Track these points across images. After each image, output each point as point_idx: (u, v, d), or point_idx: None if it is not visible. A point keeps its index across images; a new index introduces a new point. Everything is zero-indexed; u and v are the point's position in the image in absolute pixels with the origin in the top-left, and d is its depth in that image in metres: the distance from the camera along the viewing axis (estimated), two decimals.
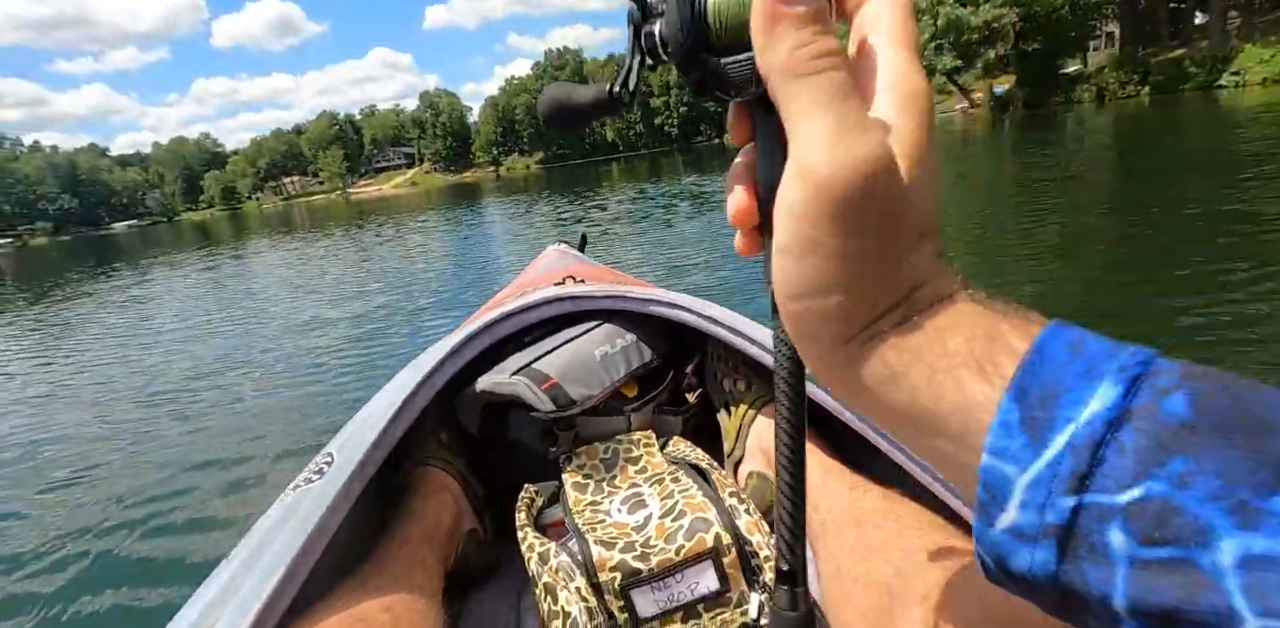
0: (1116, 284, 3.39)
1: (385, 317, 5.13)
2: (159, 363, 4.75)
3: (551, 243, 1.82)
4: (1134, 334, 2.01)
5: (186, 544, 2.15)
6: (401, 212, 21.52)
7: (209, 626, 0.55)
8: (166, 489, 2.56)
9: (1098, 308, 3.07)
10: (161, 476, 2.69)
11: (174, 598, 1.82)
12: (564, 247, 1.76)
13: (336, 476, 0.71)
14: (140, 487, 2.63)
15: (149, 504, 2.47)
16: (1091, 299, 3.22)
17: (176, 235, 32.54)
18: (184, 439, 3.07)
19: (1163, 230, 4.17)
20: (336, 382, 3.63)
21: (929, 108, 0.24)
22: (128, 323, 6.73)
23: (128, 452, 3.02)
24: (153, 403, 3.74)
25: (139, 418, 3.51)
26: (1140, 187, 5.99)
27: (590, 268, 1.41)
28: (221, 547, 2.07)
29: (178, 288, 9.43)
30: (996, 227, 5.22)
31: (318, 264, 9.72)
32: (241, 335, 5.28)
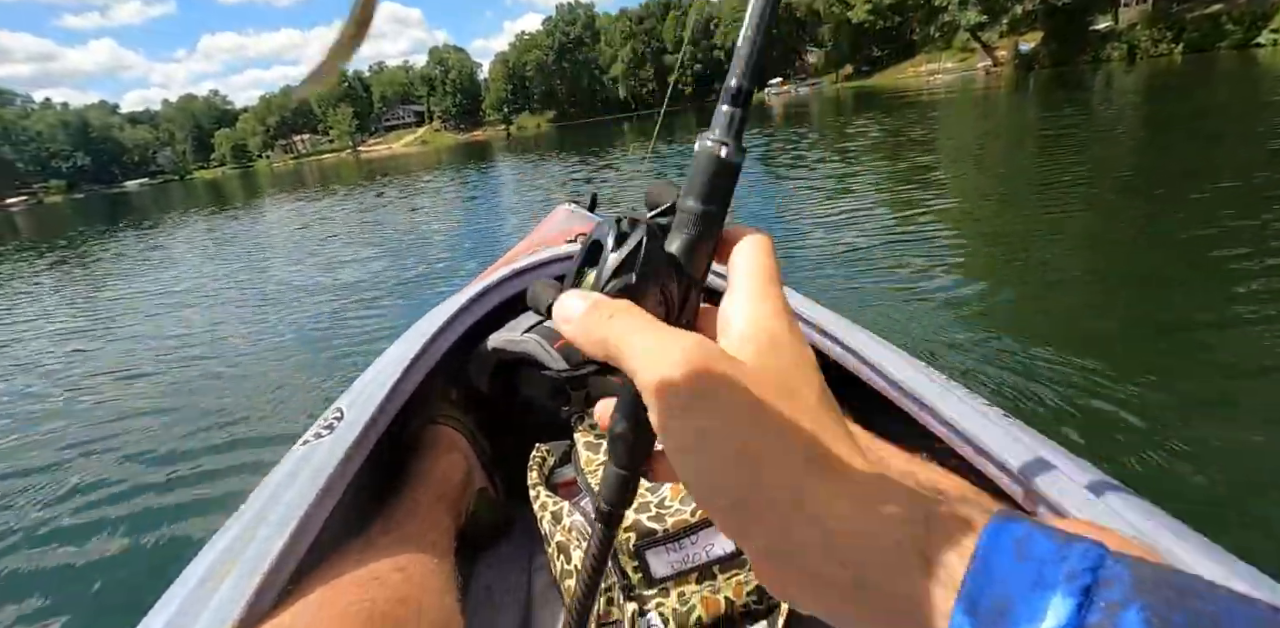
0: (1140, 252, 3.30)
1: (395, 275, 5.12)
2: (174, 320, 4.78)
3: (562, 203, 1.79)
4: (1157, 299, 1.97)
5: (195, 499, 2.16)
6: (412, 171, 21.35)
7: (219, 580, 0.54)
8: (177, 444, 2.58)
9: (1119, 274, 3.01)
10: (173, 430, 2.72)
11: (183, 552, 1.82)
12: (574, 206, 1.73)
13: (346, 431, 0.70)
14: (150, 441, 2.65)
15: (159, 458, 2.49)
16: (1113, 266, 3.15)
17: (189, 193, 32.54)
18: (196, 395, 3.10)
19: (1190, 200, 4.04)
20: (347, 338, 3.64)
21: (770, 344, 0.25)
22: (143, 280, 6.76)
23: (140, 407, 3.05)
24: (168, 359, 3.78)
25: (154, 374, 3.55)
26: (1167, 154, 5.79)
27: None
28: (229, 502, 2.09)
29: (192, 245, 9.45)
30: (1012, 193, 5.08)
31: (329, 223, 9.69)
32: (253, 294, 5.29)
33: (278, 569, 0.55)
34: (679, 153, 11.94)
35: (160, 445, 2.59)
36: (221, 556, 0.57)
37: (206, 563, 0.57)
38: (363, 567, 0.61)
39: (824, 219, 4.85)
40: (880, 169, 7.06)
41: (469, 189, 12.09)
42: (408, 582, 0.61)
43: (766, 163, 8.78)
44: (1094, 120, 8.95)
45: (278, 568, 0.55)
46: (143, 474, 2.38)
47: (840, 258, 3.79)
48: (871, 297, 3.09)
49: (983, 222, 4.40)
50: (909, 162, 7.31)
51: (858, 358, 0.77)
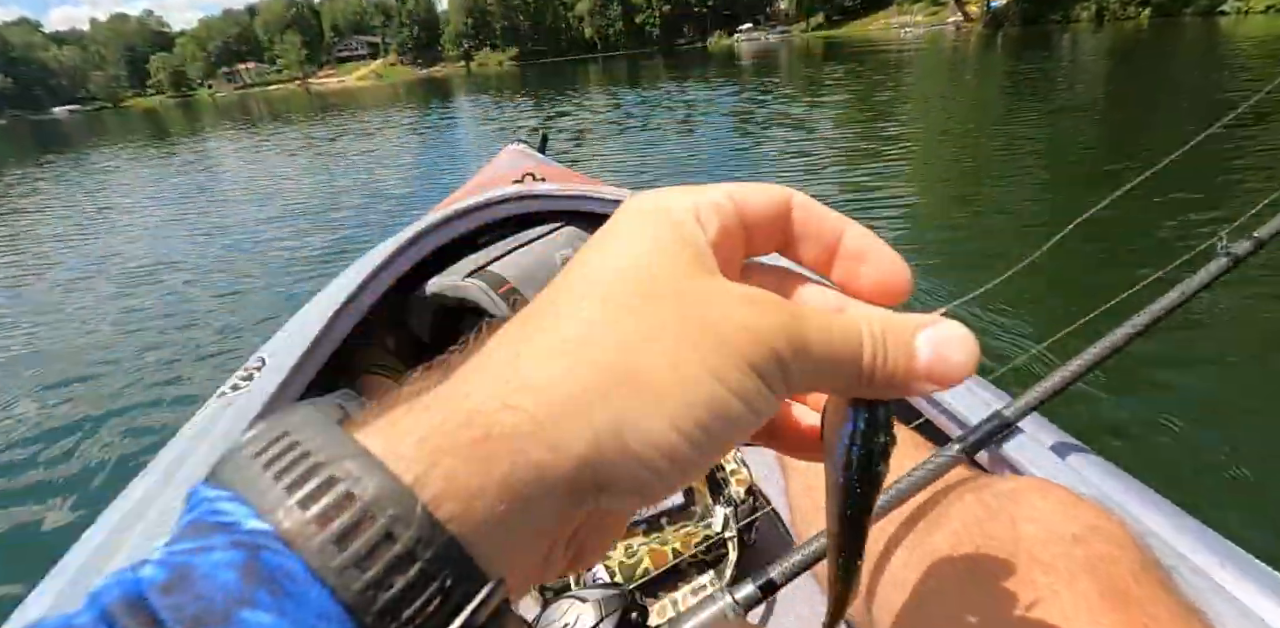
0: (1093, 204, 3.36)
1: (345, 216, 4.93)
2: (97, 256, 4.52)
3: (510, 142, 1.70)
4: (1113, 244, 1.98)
5: (103, 455, 1.99)
6: (367, 106, 20.41)
7: (117, 547, 0.49)
8: (86, 392, 2.40)
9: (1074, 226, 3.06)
10: (84, 375, 2.54)
11: (83, 517, 1.66)
12: (523, 146, 1.64)
13: (267, 382, 0.65)
14: (57, 386, 2.47)
15: (64, 406, 2.31)
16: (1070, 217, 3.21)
17: (124, 123, 30.51)
18: (115, 340, 2.90)
19: (1137, 156, 4.12)
20: (285, 281, 3.49)
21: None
22: (68, 213, 6.38)
23: (49, 350, 2.87)
24: (89, 299, 3.57)
25: (72, 314, 3.34)
26: (1124, 116, 5.87)
27: (551, 169, 1.31)
28: (143, 459, 1.92)
29: (126, 179, 8.92)
30: (972, 147, 5.11)
31: (277, 159, 9.23)
32: (189, 232, 5.03)
33: None
34: (644, 101, 11.64)
35: (68, 393, 2.41)
36: (123, 520, 0.52)
37: (106, 529, 0.52)
38: None
39: (788, 167, 4.81)
40: (845, 121, 7.00)
41: (427, 127, 11.64)
42: None
43: (736, 111, 8.63)
44: (1056, 81, 8.99)
45: None
46: (45, 425, 2.20)
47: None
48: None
49: (943, 174, 4.43)
50: (874, 115, 7.26)
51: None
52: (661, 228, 0.17)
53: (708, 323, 0.15)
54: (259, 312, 3.04)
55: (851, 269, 0.19)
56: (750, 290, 0.17)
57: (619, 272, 0.16)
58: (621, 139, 7.33)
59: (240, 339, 2.71)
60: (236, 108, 34.06)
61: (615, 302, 0.16)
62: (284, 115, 20.88)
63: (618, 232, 0.17)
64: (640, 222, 0.17)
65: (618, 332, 0.15)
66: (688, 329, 0.15)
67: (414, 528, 0.12)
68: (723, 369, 0.15)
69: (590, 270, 0.17)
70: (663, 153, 6.16)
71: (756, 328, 0.16)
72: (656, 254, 0.16)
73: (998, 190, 3.83)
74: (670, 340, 0.15)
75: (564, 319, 0.16)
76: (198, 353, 2.66)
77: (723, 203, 0.18)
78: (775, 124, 7.17)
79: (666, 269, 0.16)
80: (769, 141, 6.12)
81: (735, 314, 0.16)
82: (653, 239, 0.17)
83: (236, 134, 14.65)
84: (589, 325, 0.15)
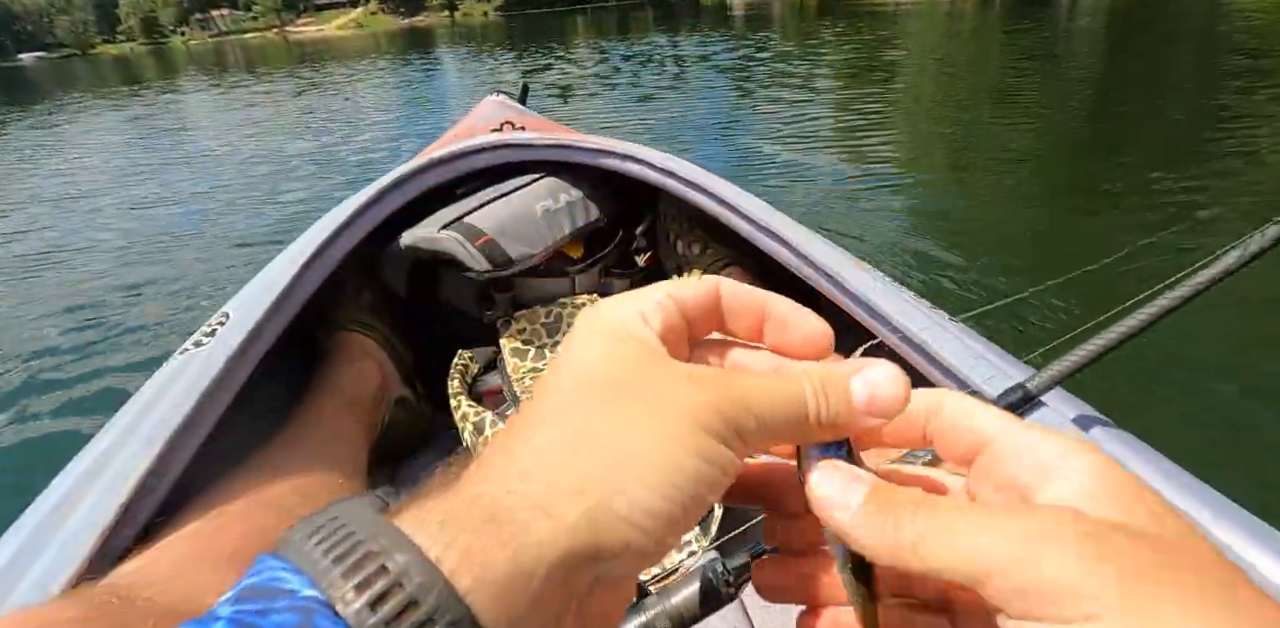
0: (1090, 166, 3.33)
1: (317, 168, 4.76)
2: (65, 208, 4.38)
3: (489, 92, 1.64)
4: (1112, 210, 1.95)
5: (64, 411, 1.93)
6: (348, 57, 19.72)
7: (72, 507, 0.47)
8: (51, 346, 2.33)
9: (1072, 188, 3.05)
10: (50, 330, 2.47)
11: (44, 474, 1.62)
12: (503, 97, 1.59)
13: (231, 336, 0.62)
14: (20, 340, 2.41)
15: (27, 361, 2.24)
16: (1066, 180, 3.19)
17: (95, 71, 29.35)
18: (81, 294, 2.81)
19: (1143, 133, 4.06)
20: (259, 234, 3.38)
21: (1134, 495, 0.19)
22: (31, 165, 6.18)
23: (9, 303, 2.78)
24: (50, 250, 3.47)
25: (30, 263, 3.25)
26: (1124, 82, 5.75)
27: (531, 119, 1.27)
28: (101, 417, 1.88)
29: (96, 128, 8.60)
30: (967, 108, 5.02)
31: (251, 110, 8.93)
32: (158, 183, 4.85)
33: (143, 495, 0.48)
34: (634, 55, 11.33)
35: (30, 346, 2.35)
36: (80, 480, 0.49)
37: (62, 489, 0.49)
38: (255, 491, 0.54)
39: (781, 126, 4.71)
40: (843, 79, 6.85)
41: (407, 79, 11.29)
42: (306, 504, 0.55)
43: (729, 66, 8.43)
44: (1055, 43, 8.81)
45: (143, 494, 0.48)
46: (11, 379, 2.14)
47: (796, 163, 3.72)
48: (824, 202, 3.07)
49: (937, 134, 4.36)
50: (873, 72, 7.11)
51: (806, 262, 0.72)
52: (615, 333, 0.20)
53: (667, 404, 0.18)
54: (232, 266, 2.96)
55: (779, 334, 0.23)
56: (695, 369, 0.20)
57: (589, 376, 0.19)
58: (611, 95, 7.14)
59: (215, 294, 2.64)
60: (211, 56, 32.83)
61: (590, 399, 0.19)
62: (260, 65, 20.20)
63: (580, 342, 0.20)
64: (596, 330, 0.20)
65: (596, 423, 0.18)
66: (652, 411, 0.18)
67: (434, 595, 0.14)
68: (687, 440, 0.18)
69: (563, 379, 0.19)
70: (653, 110, 6.01)
71: (703, 401, 0.18)
72: (615, 354, 0.20)
73: (1002, 154, 3.77)
74: (640, 423, 0.18)
75: (549, 420, 0.19)
76: (169, 308, 2.59)
77: (663, 301, 0.21)
78: (770, 81, 6.99)
79: (628, 365, 0.19)
80: (763, 100, 5.97)
81: (685, 392, 0.19)
82: (610, 344, 0.20)
83: (211, 84, 14.15)
84: (571, 421, 0.18)
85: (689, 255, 0.93)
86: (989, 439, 0.20)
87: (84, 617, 0.36)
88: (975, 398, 0.22)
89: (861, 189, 3.22)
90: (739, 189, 0.83)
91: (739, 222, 0.78)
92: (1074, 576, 0.15)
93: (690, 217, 0.94)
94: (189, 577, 0.43)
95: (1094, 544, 0.16)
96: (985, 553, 0.17)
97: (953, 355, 0.58)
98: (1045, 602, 0.16)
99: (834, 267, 0.69)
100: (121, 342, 2.37)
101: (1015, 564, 0.16)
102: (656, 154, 0.86)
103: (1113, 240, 2.36)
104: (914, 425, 0.22)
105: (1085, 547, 0.16)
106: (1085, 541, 0.16)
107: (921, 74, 7.02)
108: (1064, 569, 0.16)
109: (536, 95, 7.21)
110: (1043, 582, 0.16)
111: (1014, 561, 0.16)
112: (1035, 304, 1.92)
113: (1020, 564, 0.16)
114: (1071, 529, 0.16)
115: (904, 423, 0.22)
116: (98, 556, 0.44)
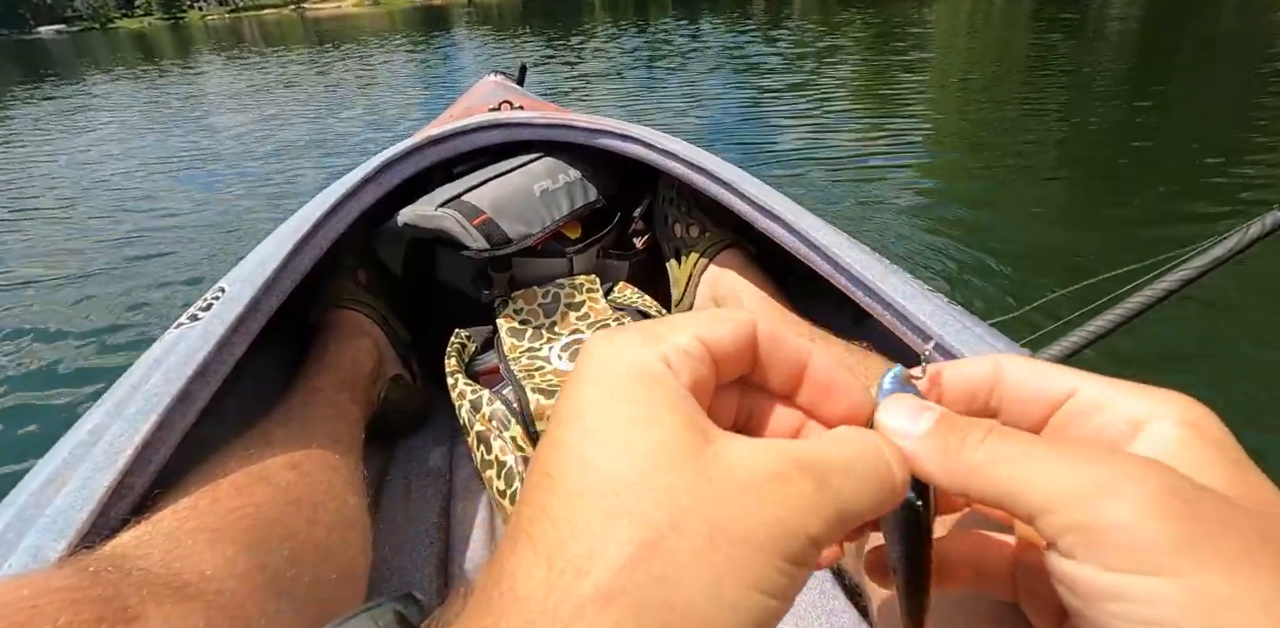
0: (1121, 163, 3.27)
1: (329, 148, 4.76)
2: (75, 182, 4.38)
3: (488, 72, 1.63)
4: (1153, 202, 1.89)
5: (59, 383, 1.92)
6: (363, 36, 19.66)
7: (63, 481, 0.47)
8: (53, 318, 2.32)
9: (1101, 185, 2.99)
10: (51, 302, 2.46)
11: (37, 445, 1.60)
12: (501, 77, 1.58)
13: (227, 309, 0.62)
14: (20, 314, 2.39)
15: (21, 332, 2.24)
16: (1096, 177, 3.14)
17: (113, 45, 29.36)
18: (85, 267, 2.79)
19: (1176, 126, 3.96)
20: (263, 211, 3.38)
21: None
22: (48, 138, 6.21)
23: (13, 276, 2.77)
24: (59, 223, 3.47)
25: (38, 236, 3.26)
26: (1162, 77, 5.57)
27: (530, 100, 1.26)
28: (96, 390, 1.80)
29: (116, 103, 8.61)
30: (994, 99, 4.92)
31: (264, 87, 8.92)
32: (168, 158, 4.85)
33: (136, 469, 0.47)
34: (648, 39, 11.20)
35: (37, 321, 2.33)
36: (71, 455, 0.49)
37: (56, 462, 0.49)
38: (249, 465, 0.53)
39: (797, 111, 4.65)
40: (859, 70, 6.73)
41: (420, 60, 11.24)
42: (302, 481, 0.55)
43: (745, 55, 8.32)
44: (1087, 34, 8.62)
45: (136, 468, 0.47)
46: (9, 349, 2.14)
47: (812, 151, 3.68)
48: (840, 198, 3.01)
49: (963, 125, 4.29)
50: (890, 64, 6.98)
51: (805, 242, 0.72)
52: (641, 399, 0.16)
53: (734, 533, 0.15)
54: (236, 242, 2.97)
55: (821, 397, 0.20)
56: (768, 469, 0.16)
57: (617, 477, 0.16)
58: (622, 80, 7.07)
59: (218, 269, 2.64)
60: (228, 32, 32.82)
61: (628, 520, 0.15)
62: (277, 42, 20.16)
63: (596, 407, 0.17)
64: (613, 386, 0.17)
65: (647, 564, 0.15)
66: (716, 546, 0.15)
67: None
68: (762, 580, 0.15)
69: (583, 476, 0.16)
70: (664, 97, 5.93)
71: (787, 521, 0.15)
72: (647, 440, 0.16)
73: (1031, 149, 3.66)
74: (703, 566, 0.15)
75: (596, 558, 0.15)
76: (173, 282, 2.60)
77: (692, 348, 0.18)
78: (787, 71, 6.85)
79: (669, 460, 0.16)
80: (780, 90, 5.84)
81: (762, 513, 0.15)
82: (637, 420, 0.16)
83: (226, 61, 14.16)
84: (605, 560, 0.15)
85: (687, 238, 0.93)
86: (1065, 395, 0.19)
87: (78, 586, 0.36)
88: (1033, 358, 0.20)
89: (883, 185, 3.15)
90: (740, 171, 0.82)
91: (739, 203, 0.78)
92: (1141, 526, 0.15)
93: (689, 199, 0.94)
94: (184, 550, 0.44)
95: (1173, 501, 0.15)
96: (1052, 485, 0.16)
97: (953, 337, 0.58)
98: (1101, 545, 0.15)
99: (833, 248, 0.69)
100: (120, 313, 2.37)
101: (1082, 502, 0.15)
102: (657, 134, 0.85)
103: (1144, 243, 2.33)
104: (976, 398, 0.21)
105: (1164, 502, 0.15)
106: (1165, 496, 0.15)
107: (947, 66, 6.87)
108: (1132, 518, 0.15)
109: (548, 78, 7.16)
110: (1106, 525, 0.15)
111: (1082, 498, 0.16)
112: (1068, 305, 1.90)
113: (1087, 503, 0.15)
114: (1154, 482, 0.15)
115: (964, 396, 0.20)
116: (92, 528, 0.44)
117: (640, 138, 0.84)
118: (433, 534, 0.74)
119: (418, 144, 0.81)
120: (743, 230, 0.89)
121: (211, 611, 0.39)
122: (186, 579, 0.41)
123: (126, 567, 0.40)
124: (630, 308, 0.87)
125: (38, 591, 0.35)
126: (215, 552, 0.44)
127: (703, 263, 0.90)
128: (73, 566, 0.40)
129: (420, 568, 0.69)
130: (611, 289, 0.92)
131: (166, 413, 0.51)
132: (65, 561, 0.41)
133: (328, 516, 0.54)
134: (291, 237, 0.71)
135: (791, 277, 0.86)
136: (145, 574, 0.40)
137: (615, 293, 0.92)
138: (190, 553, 0.43)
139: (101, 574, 0.38)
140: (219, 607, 0.40)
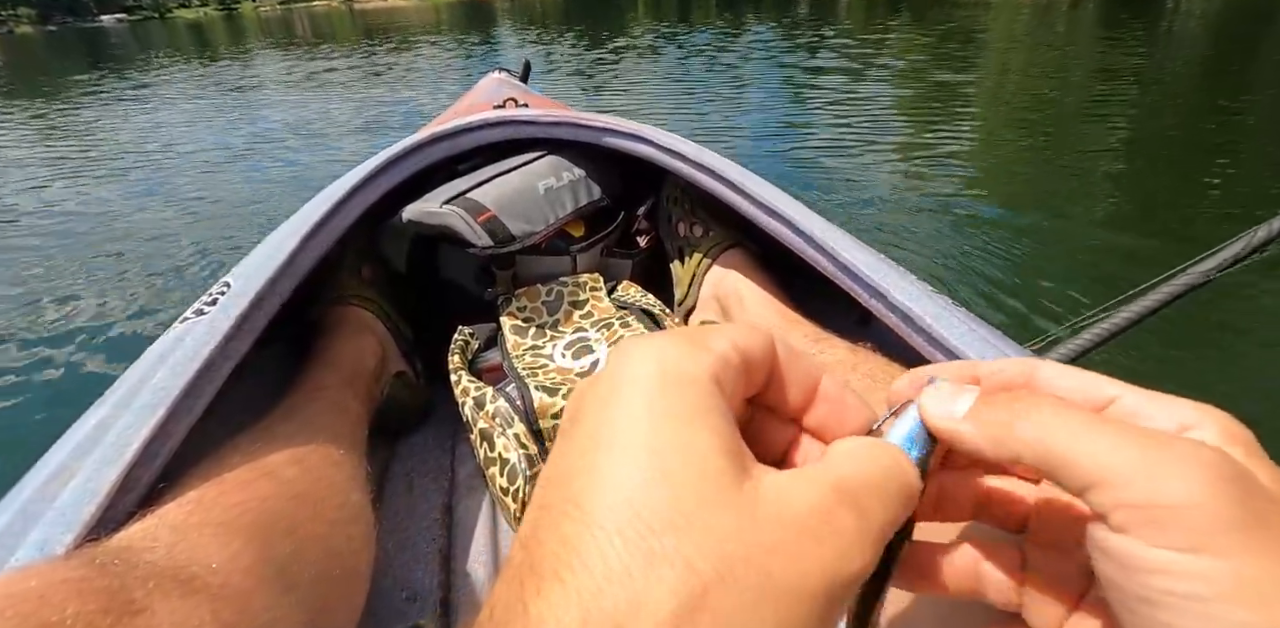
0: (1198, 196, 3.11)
1: (370, 143, 4.85)
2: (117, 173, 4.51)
3: (491, 70, 1.64)
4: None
5: (70, 375, 1.94)
6: (410, 31, 19.99)
7: (69, 477, 0.47)
8: (72, 309, 2.35)
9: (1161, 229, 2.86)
10: (73, 292, 2.49)
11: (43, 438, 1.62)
12: (505, 74, 1.59)
13: (232, 305, 0.62)
14: (30, 299, 2.44)
15: (31, 322, 2.27)
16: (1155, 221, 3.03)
17: (171, 35, 30.31)
18: (121, 258, 2.83)
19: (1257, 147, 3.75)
20: (287, 207, 3.46)
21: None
22: (105, 128, 6.40)
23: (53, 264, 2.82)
24: (98, 213, 3.55)
25: (78, 225, 3.33)
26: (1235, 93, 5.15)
27: (534, 97, 1.26)
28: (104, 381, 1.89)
29: (175, 95, 8.87)
30: (1047, 121, 4.70)
31: (311, 80, 9.13)
32: (208, 152, 4.97)
33: (143, 463, 0.48)
34: (690, 42, 11.14)
35: (60, 310, 2.36)
36: (77, 448, 0.49)
37: (61, 455, 0.49)
38: (254, 460, 0.54)
39: (842, 129, 4.53)
40: (907, 80, 6.58)
41: (463, 55, 11.38)
42: (306, 476, 0.55)
43: (789, 62, 8.23)
44: (1155, 52, 8.26)
45: (143, 461, 0.48)
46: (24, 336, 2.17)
47: (854, 171, 3.58)
48: (882, 215, 2.94)
49: (1017, 144, 4.11)
50: (941, 74, 6.81)
51: (809, 242, 0.71)
52: (685, 411, 0.16)
53: (784, 583, 0.14)
54: (234, 236, 3.04)
55: (832, 419, 0.20)
56: (810, 505, 0.16)
57: (656, 516, 0.15)
58: (659, 83, 7.03)
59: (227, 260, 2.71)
60: (280, 25, 33.58)
61: (671, 568, 0.14)
62: (326, 35, 20.60)
63: (629, 416, 0.16)
64: (653, 400, 0.16)
65: (691, 619, 0.14)
66: (765, 598, 0.14)
67: None
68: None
69: (621, 513, 0.15)
70: (700, 102, 5.86)
71: (833, 563, 0.15)
72: (690, 470, 0.15)
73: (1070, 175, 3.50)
74: (752, 622, 0.14)
75: (637, 611, 0.14)
76: (196, 271, 2.66)
77: (733, 359, 0.18)
78: (832, 79, 6.68)
79: (713, 495, 0.15)
80: (822, 100, 5.70)
81: (811, 557, 0.15)
82: (679, 441, 0.15)
83: (277, 53, 14.50)
84: (656, 611, 0.14)
85: (691, 237, 0.92)
86: (1107, 401, 0.19)
87: (85, 577, 0.36)
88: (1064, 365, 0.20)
89: (928, 202, 3.05)
90: (746, 170, 0.82)
91: (743, 202, 0.77)
92: (1199, 506, 0.15)
93: (694, 199, 0.93)
94: (189, 542, 0.44)
95: (1231, 487, 0.15)
96: (1108, 461, 0.16)
97: (958, 339, 0.57)
98: (1155, 523, 0.15)
99: (838, 248, 0.68)
100: (137, 301, 2.42)
101: (1140, 478, 0.16)
102: (663, 134, 0.85)
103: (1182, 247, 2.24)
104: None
105: (1222, 486, 0.15)
106: (1222, 481, 0.15)
107: (1002, 77, 6.65)
108: (1191, 498, 0.15)
109: (589, 79, 7.16)
110: (1162, 503, 0.15)
111: (1140, 474, 0.16)
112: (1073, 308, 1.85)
113: (1145, 479, 0.15)
114: (1214, 467, 0.15)
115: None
116: (99, 520, 0.44)
117: (647, 137, 0.84)
118: (435, 531, 0.74)
119: (421, 141, 0.82)
120: (747, 230, 0.88)
121: (217, 603, 0.40)
122: (192, 572, 0.41)
123: (133, 559, 0.40)
124: (634, 306, 0.87)
125: (45, 582, 0.35)
126: (220, 545, 0.44)
127: (706, 263, 0.89)
128: (79, 557, 0.40)
129: (422, 564, 0.70)
130: (615, 288, 0.92)
131: (173, 407, 0.51)
132: (72, 553, 0.41)
133: (331, 511, 0.54)
134: (296, 232, 0.72)
135: (796, 277, 0.85)
136: (151, 567, 0.40)
137: (619, 292, 0.92)
138: (196, 546, 0.43)
139: (108, 566, 0.38)
140: (224, 600, 0.40)
